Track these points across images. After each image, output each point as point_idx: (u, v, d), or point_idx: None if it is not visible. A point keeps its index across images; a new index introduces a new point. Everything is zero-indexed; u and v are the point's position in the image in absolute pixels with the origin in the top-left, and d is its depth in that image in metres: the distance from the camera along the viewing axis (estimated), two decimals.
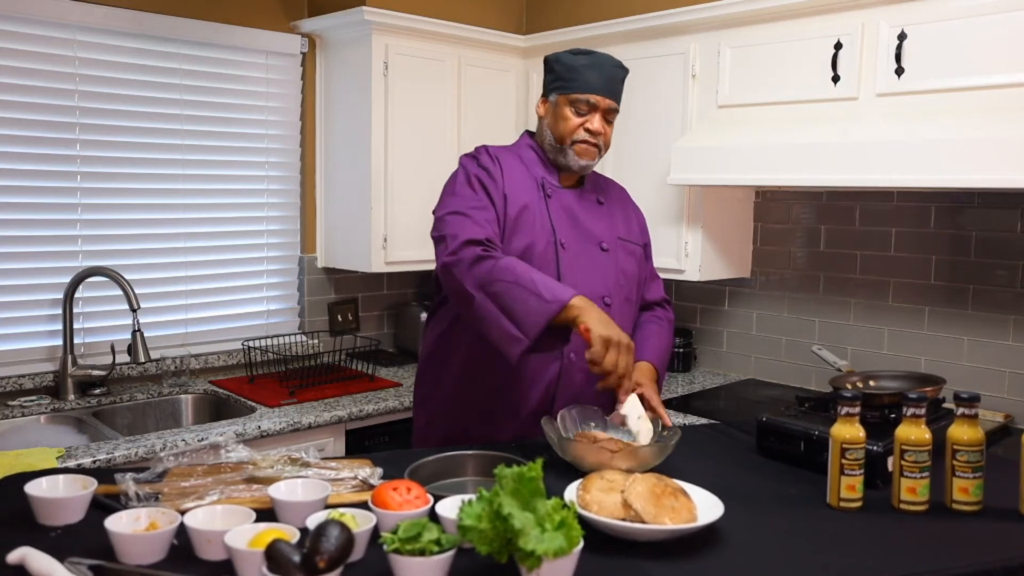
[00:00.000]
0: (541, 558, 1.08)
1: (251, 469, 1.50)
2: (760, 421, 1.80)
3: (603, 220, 2.03)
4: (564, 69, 1.96)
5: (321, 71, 3.30)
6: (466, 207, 1.86)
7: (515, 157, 2.02)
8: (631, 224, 2.11)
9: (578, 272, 1.93)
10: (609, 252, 2.00)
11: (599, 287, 1.95)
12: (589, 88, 1.93)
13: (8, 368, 2.70)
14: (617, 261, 2.01)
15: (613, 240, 2.02)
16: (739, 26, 2.74)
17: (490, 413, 1.97)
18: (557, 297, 1.65)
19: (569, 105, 1.95)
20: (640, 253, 2.09)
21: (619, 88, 1.99)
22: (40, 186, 2.73)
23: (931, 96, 2.33)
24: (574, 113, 1.94)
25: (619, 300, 1.98)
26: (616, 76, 1.98)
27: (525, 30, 3.54)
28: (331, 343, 3.29)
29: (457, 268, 1.76)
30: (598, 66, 1.94)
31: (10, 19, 2.62)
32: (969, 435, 1.49)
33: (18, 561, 1.16)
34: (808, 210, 3.01)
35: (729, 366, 3.27)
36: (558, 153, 1.98)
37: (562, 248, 1.93)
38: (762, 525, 1.41)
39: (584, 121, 1.94)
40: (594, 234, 2.00)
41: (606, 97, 1.94)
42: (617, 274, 1.99)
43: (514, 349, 1.67)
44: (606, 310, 1.91)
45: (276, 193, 3.27)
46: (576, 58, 1.95)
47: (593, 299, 1.85)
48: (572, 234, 1.96)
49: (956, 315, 2.68)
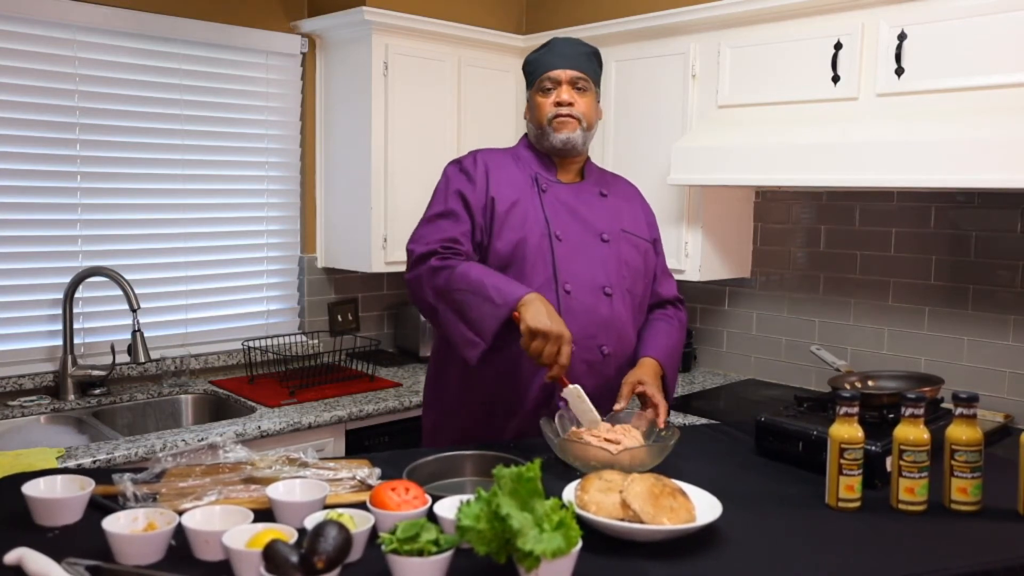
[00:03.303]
0: (539, 558, 1.08)
1: (249, 469, 1.50)
2: (759, 421, 1.80)
3: (605, 212, 2.04)
4: (528, 65, 2.05)
5: (321, 71, 3.30)
6: (431, 215, 1.98)
7: (508, 157, 2.05)
8: (638, 219, 2.11)
9: (575, 263, 1.94)
10: (610, 243, 2.00)
11: (599, 277, 1.95)
12: (548, 67, 1.99)
13: (8, 368, 2.71)
14: (619, 252, 2.00)
15: (616, 232, 2.02)
16: (739, 26, 2.74)
17: (490, 413, 1.97)
18: (507, 300, 1.72)
19: (538, 92, 2.01)
20: (647, 248, 2.09)
21: (583, 60, 2.01)
22: (40, 186, 2.74)
23: (931, 96, 2.33)
24: (543, 96, 2.00)
25: (621, 291, 1.98)
26: (576, 50, 2.01)
27: (525, 30, 3.54)
28: (331, 343, 3.29)
29: (416, 285, 1.89)
30: (554, 47, 2.01)
31: (10, 19, 2.62)
32: (968, 435, 1.48)
33: (15, 562, 1.15)
34: (808, 210, 3.01)
35: (729, 366, 3.27)
36: (543, 140, 2.01)
37: (557, 240, 1.94)
38: (761, 525, 1.41)
39: (553, 98, 1.98)
40: (594, 225, 2.00)
41: (567, 68, 1.98)
42: (619, 265, 1.99)
43: (472, 353, 1.78)
44: (605, 300, 1.94)
45: (276, 193, 3.27)
46: (536, 52, 2.04)
47: (593, 289, 1.91)
48: (569, 226, 1.97)
49: (956, 315, 2.68)
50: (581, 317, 1.90)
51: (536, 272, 1.91)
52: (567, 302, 1.91)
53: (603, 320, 1.94)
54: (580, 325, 1.88)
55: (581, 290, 1.93)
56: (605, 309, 1.95)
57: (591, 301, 1.93)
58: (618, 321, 1.97)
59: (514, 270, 1.91)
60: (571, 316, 1.86)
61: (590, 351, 1.92)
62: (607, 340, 1.95)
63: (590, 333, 1.92)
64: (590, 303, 1.93)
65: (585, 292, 1.93)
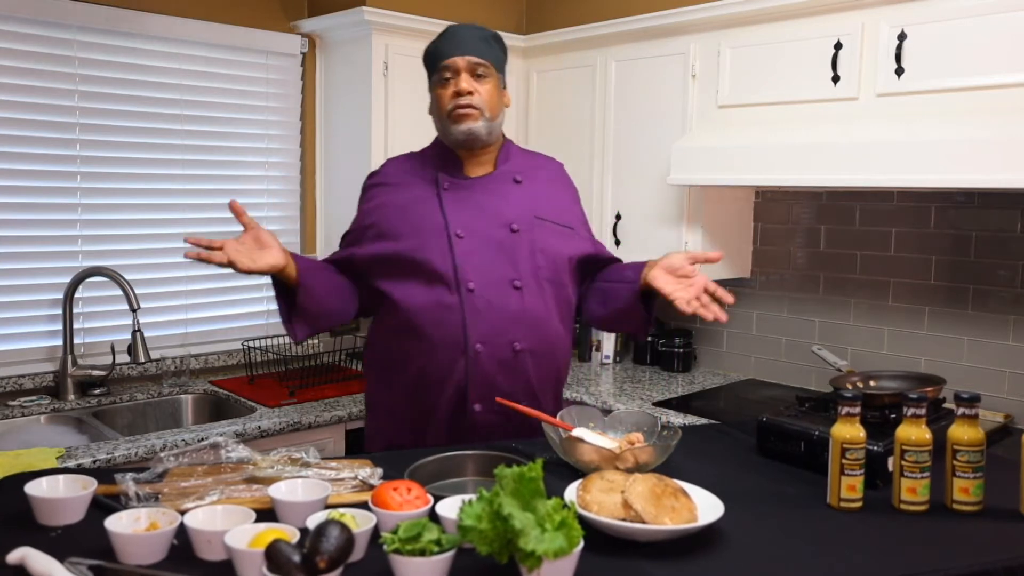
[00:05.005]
0: (541, 558, 1.08)
1: (251, 469, 1.50)
2: (760, 421, 1.80)
3: (517, 201, 1.93)
4: (426, 57, 1.96)
5: (321, 71, 3.30)
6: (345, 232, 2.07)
7: (414, 161, 2.02)
8: (558, 202, 2.01)
9: (477, 259, 1.86)
10: (520, 233, 1.90)
11: (507, 271, 1.87)
12: (444, 55, 1.89)
13: (8, 368, 2.70)
14: (532, 241, 1.90)
15: (528, 219, 1.91)
16: (739, 26, 2.74)
17: (410, 418, 1.94)
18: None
19: (437, 85, 1.92)
20: (569, 232, 1.98)
21: (481, 45, 1.90)
22: (40, 186, 2.73)
23: (931, 96, 2.33)
24: (442, 87, 1.90)
25: (535, 281, 1.89)
26: (473, 35, 1.91)
27: (525, 30, 3.54)
28: (331, 343, 3.29)
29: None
30: (450, 33, 1.92)
31: (10, 19, 2.62)
32: (970, 435, 1.48)
33: (18, 561, 1.16)
34: (808, 210, 3.01)
35: (729, 366, 3.27)
36: (447, 134, 1.93)
37: (457, 238, 1.87)
38: (762, 525, 1.41)
39: (452, 89, 1.89)
40: (502, 216, 1.91)
41: (464, 55, 1.88)
42: (532, 254, 1.90)
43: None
44: (515, 294, 1.86)
45: (276, 193, 3.27)
46: (433, 41, 1.94)
47: (499, 284, 1.86)
48: (472, 222, 1.89)
49: (956, 315, 2.68)
50: (488, 315, 1.84)
51: (438, 274, 1.85)
52: (471, 300, 1.84)
53: (513, 315, 1.86)
54: (487, 323, 1.83)
55: (486, 286, 1.85)
56: (514, 303, 1.86)
57: (498, 297, 1.85)
58: (531, 314, 1.88)
59: (417, 274, 1.86)
60: (476, 315, 1.83)
61: (501, 348, 1.85)
62: (519, 335, 1.86)
63: (499, 330, 1.85)
64: (496, 299, 1.85)
65: (490, 288, 1.85)
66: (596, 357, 3.44)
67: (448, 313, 1.84)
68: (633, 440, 1.66)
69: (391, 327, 1.92)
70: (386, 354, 1.96)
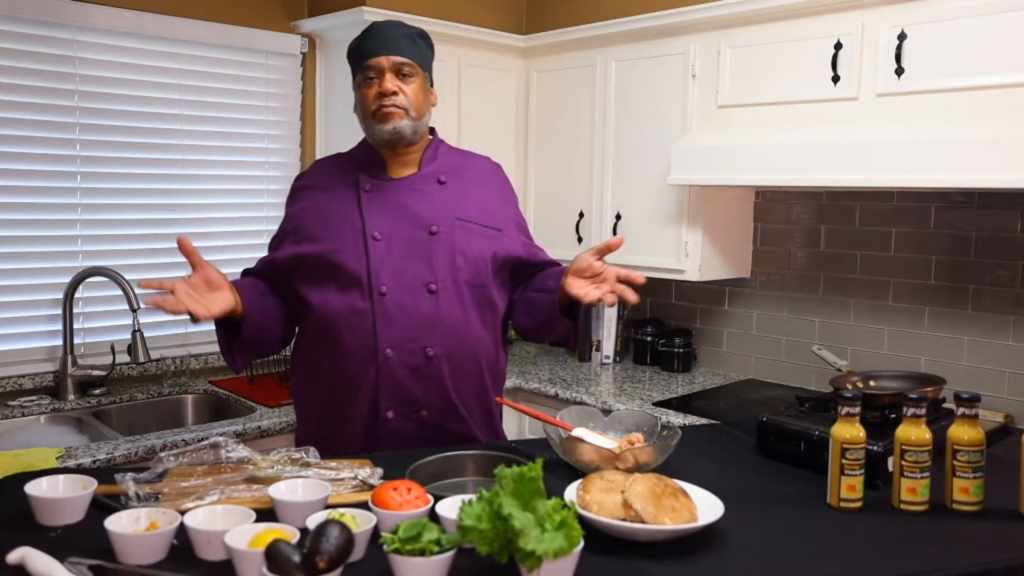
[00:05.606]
0: (541, 558, 1.08)
1: (251, 469, 1.50)
2: (760, 421, 1.80)
3: (439, 202, 1.87)
4: (350, 55, 1.91)
5: (321, 71, 3.30)
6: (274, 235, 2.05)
7: (338, 163, 1.99)
8: (485, 203, 1.93)
9: (393, 262, 1.82)
10: (439, 235, 1.84)
11: (423, 274, 1.82)
12: (368, 54, 1.85)
13: (8, 368, 2.71)
14: (452, 244, 1.84)
15: (449, 221, 1.85)
16: (739, 26, 2.74)
17: (327, 425, 1.91)
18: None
19: (361, 85, 1.88)
20: (494, 234, 1.91)
21: (405, 44, 1.86)
22: (40, 186, 2.73)
23: (931, 96, 2.33)
24: (366, 87, 1.86)
25: (453, 284, 1.83)
26: (397, 33, 1.87)
27: (525, 30, 3.54)
28: None
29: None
30: (373, 32, 1.87)
31: (10, 19, 2.62)
32: (970, 435, 1.48)
33: (18, 561, 1.16)
34: (808, 210, 3.01)
35: (729, 366, 3.27)
36: (371, 133, 1.89)
37: (374, 240, 1.82)
38: (762, 525, 1.41)
39: (376, 89, 1.85)
40: (421, 218, 1.85)
41: (388, 55, 1.83)
42: (451, 257, 1.83)
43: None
44: (429, 298, 1.81)
45: (276, 193, 3.27)
46: (356, 39, 1.90)
47: (413, 288, 1.81)
48: (390, 225, 1.84)
49: (956, 315, 2.68)
50: (399, 320, 1.79)
51: (354, 278, 1.81)
52: (381, 305, 1.79)
53: (426, 320, 1.80)
54: (398, 328, 1.79)
55: (398, 290, 1.80)
56: (428, 308, 1.80)
57: (410, 301, 1.80)
58: (446, 319, 1.81)
59: (332, 278, 1.83)
60: (387, 320, 1.79)
61: (412, 354, 1.80)
62: (432, 341, 1.80)
63: (410, 335, 1.79)
64: (409, 303, 1.80)
65: (403, 292, 1.80)
66: (596, 357, 3.44)
67: (359, 318, 1.80)
68: (633, 440, 1.66)
69: (311, 332, 1.89)
70: (305, 360, 1.93)
